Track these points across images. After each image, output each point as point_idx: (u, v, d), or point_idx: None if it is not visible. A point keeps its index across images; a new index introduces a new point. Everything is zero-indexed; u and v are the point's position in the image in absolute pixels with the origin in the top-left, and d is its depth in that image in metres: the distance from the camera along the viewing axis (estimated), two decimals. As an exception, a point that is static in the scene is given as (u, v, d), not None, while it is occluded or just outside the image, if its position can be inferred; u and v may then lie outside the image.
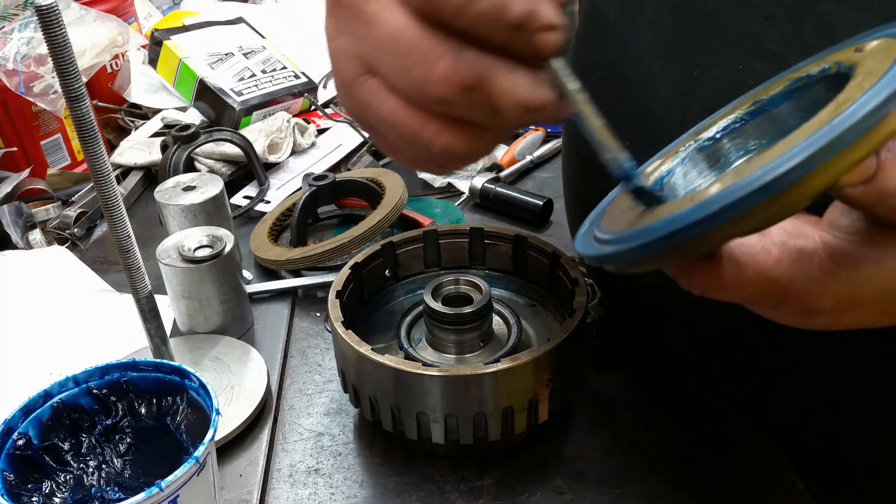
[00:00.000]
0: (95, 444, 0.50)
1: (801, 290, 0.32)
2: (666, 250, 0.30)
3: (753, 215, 0.28)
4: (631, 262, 0.32)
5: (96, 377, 0.50)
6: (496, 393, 0.52)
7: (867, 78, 0.30)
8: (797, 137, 0.28)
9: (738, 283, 0.32)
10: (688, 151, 0.41)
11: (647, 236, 0.31)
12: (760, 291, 0.32)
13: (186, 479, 0.42)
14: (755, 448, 0.57)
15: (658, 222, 0.31)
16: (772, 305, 0.33)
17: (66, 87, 0.47)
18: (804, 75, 0.38)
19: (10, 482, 0.45)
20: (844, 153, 0.27)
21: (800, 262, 0.32)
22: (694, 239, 0.29)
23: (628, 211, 0.37)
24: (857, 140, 0.27)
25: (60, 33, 0.46)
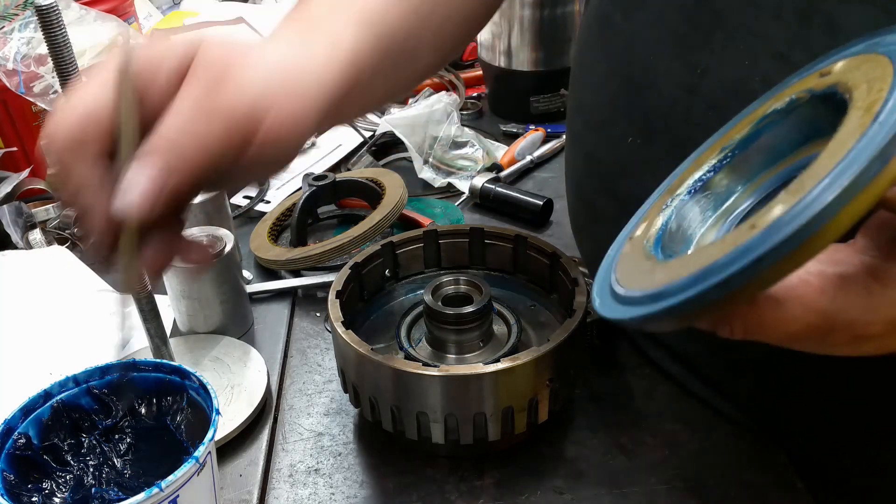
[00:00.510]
0: (95, 444, 0.50)
1: (849, 318, 0.31)
2: (715, 301, 0.29)
3: (803, 251, 0.27)
4: (675, 317, 0.31)
5: (96, 377, 0.50)
6: (496, 393, 0.52)
7: (872, 93, 0.29)
8: (828, 162, 0.27)
9: (784, 322, 0.31)
10: (675, 204, 0.39)
11: (691, 289, 0.29)
12: (806, 327, 0.31)
13: (186, 479, 0.42)
14: (755, 448, 0.57)
15: (699, 271, 0.29)
16: (819, 338, 0.32)
17: (66, 87, 0.47)
18: (769, 112, 0.37)
19: (10, 482, 0.45)
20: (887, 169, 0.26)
21: (844, 290, 0.31)
22: (747, 284, 0.28)
23: (643, 261, 0.36)
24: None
25: (60, 33, 0.46)
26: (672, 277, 0.31)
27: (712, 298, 0.28)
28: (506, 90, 1.12)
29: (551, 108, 1.10)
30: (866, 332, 0.31)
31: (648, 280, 0.33)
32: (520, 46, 1.07)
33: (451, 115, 0.98)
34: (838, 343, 0.32)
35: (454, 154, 0.97)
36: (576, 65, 0.64)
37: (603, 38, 0.57)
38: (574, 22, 1.06)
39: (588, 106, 0.60)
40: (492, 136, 1.07)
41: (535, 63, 1.08)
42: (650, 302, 0.31)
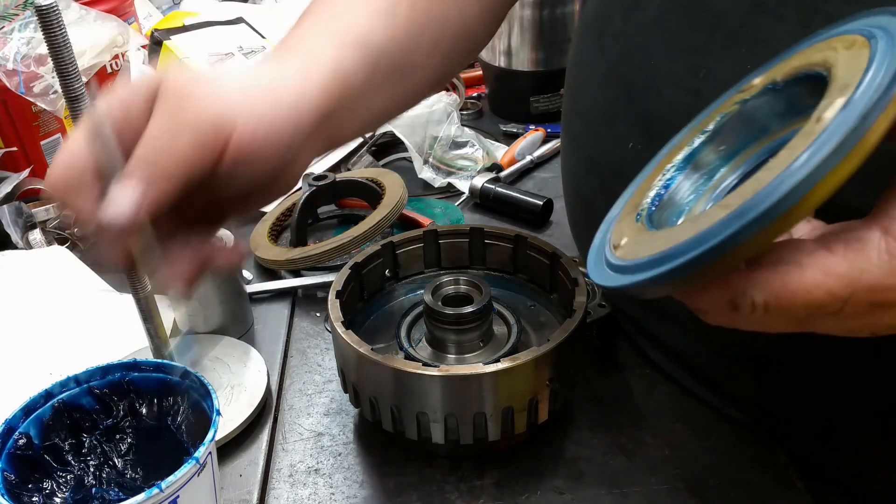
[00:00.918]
0: (96, 444, 0.50)
1: (869, 282, 0.31)
2: (716, 259, 0.30)
3: (804, 204, 0.28)
4: (678, 280, 0.32)
5: (97, 377, 0.50)
6: (496, 393, 0.52)
7: (849, 72, 0.31)
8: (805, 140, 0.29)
9: (805, 289, 0.31)
10: (664, 180, 0.41)
11: (695, 249, 0.30)
12: (827, 293, 0.31)
13: (187, 479, 0.42)
14: (755, 448, 0.57)
15: (691, 238, 0.31)
16: (837, 309, 0.31)
17: (66, 87, 0.47)
18: (757, 90, 0.39)
19: (10, 482, 0.45)
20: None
21: (863, 252, 0.31)
22: (742, 244, 0.29)
23: (636, 233, 0.37)
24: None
25: (60, 33, 0.46)
26: (670, 243, 0.32)
27: (714, 256, 0.30)
28: (506, 90, 1.12)
29: (551, 108, 1.10)
30: (886, 297, 0.31)
31: (645, 248, 0.34)
32: (520, 46, 1.07)
33: (451, 115, 0.98)
34: (858, 313, 0.32)
35: (454, 154, 0.97)
36: (573, 67, 0.63)
37: (601, 40, 0.57)
38: (574, 22, 1.06)
39: (587, 108, 0.60)
40: (492, 136, 1.07)
41: (535, 63, 1.08)
42: (650, 267, 0.32)
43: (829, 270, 0.31)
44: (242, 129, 0.40)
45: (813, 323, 0.33)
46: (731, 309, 0.32)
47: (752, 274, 0.32)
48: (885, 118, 0.28)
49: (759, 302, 0.31)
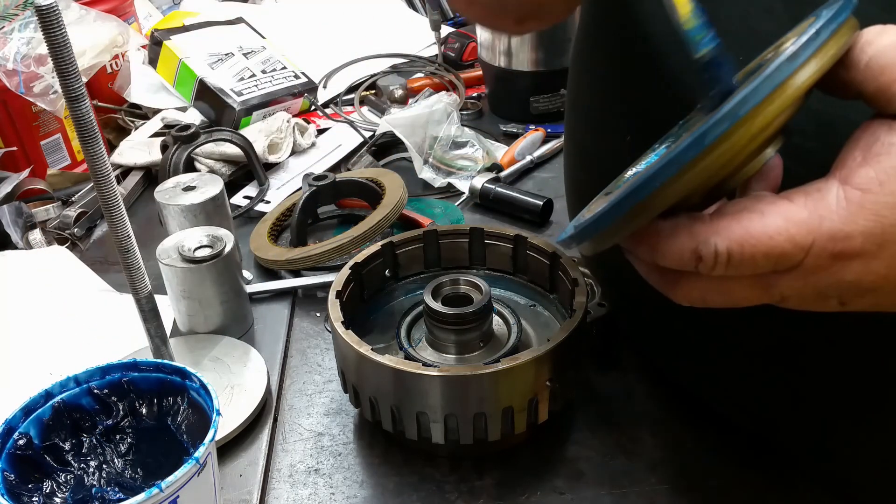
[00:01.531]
0: (96, 444, 0.50)
1: (830, 230, 0.31)
2: (626, 213, 0.32)
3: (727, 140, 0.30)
4: (593, 237, 0.34)
5: (97, 377, 0.50)
6: (496, 393, 0.52)
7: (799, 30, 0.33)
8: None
9: (767, 236, 0.31)
10: (646, 156, 0.43)
11: (613, 201, 0.33)
12: (789, 241, 0.31)
13: (187, 479, 0.42)
14: (755, 448, 0.57)
15: (628, 186, 0.32)
16: (798, 260, 0.32)
17: (66, 87, 0.47)
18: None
19: (10, 482, 0.45)
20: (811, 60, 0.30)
21: (822, 199, 0.31)
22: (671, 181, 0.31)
23: (600, 198, 0.40)
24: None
25: (60, 33, 0.46)
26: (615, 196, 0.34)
27: (622, 209, 0.32)
28: (506, 90, 1.13)
29: (551, 108, 1.10)
30: (847, 247, 0.31)
31: (598, 206, 0.36)
32: (520, 46, 1.07)
33: (451, 115, 0.98)
34: (820, 266, 0.32)
35: (454, 154, 0.97)
36: (574, 62, 0.64)
37: (601, 35, 0.57)
38: (574, 22, 1.06)
39: (586, 104, 0.60)
40: (492, 136, 1.07)
41: (535, 63, 1.08)
42: (589, 220, 0.34)
43: (790, 217, 0.31)
44: None
45: (777, 284, 0.33)
46: (696, 261, 0.33)
47: (714, 222, 0.32)
48: (818, 58, 0.30)
49: (722, 249, 0.32)
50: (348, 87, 1.20)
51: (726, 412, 0.58)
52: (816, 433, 0.53)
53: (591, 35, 0.59)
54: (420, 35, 1.34)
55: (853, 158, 0.32)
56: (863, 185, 0.31)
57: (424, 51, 1.31)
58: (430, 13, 1.25)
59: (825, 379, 0.49)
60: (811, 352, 0.47)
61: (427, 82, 1.20)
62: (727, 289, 0.34)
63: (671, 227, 0.34)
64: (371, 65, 1.26)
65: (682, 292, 0.36)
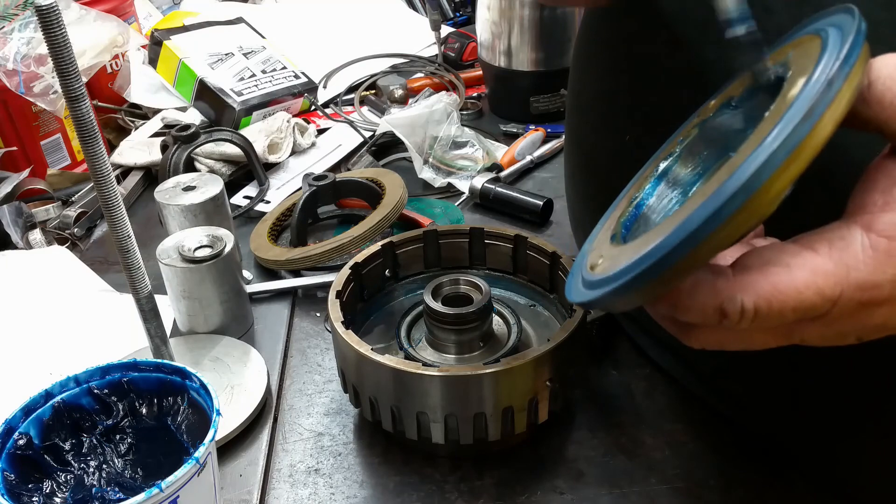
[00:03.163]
0: (96, 444, 0.50)
1: (858, 280, 0.30)
2: (652, 281, 0.31)
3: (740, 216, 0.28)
4: (610, 303, 0.33)
5: (97, 377, 0.50)
6: (496, 393, 0.52)
7: (799, 70, 0.31)
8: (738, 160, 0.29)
9: (794, 289, 0.30)
10: (644, 192, 0.42)
11: (630, 273, 0.31)
12: (816, 293, 0.30)
13: (187, 479, 0.42)
14: (755, 448, 0.57)
15: (637, 257, 0.31)
16: (826, 311, 0.31)
17: (66, 87, 0.47)
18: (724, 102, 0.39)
19: (10, 482, 0.45)
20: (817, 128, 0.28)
21: (847, 249, 0.30)
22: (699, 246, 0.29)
23: (610, 248, 0.38)
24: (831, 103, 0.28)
25: (60, 33, 0.46)
26: (637, 253, 0.32)
27: (673, 259, 0.30)
28: (506, 90, 1.13)
29: (551, 108, 1.10)
30: (875, 295, 0.30)
31: (615, 263, 0.35)
32: (520, 46, 1.07)
33: (451, 115, 0.98)
34: (846, 314, 0.31)
35: (454, 154, 0.97)
36: (576, 61, 0.64)
37: (604, 33, 0.57)
38: (574, 22, 1.06)
39: (588, 102, 0.60)
40: (492, 136, 1.07)
41: (535, 63, 1.08)
42: (617, 278, 0.33)
43: (816, 270, 0.30)
44: None
45: (799, 331, 0.32)
46: (720, 317, 0.32)
47: (740, 278, 0.31)
48: (832, 111, 0.28)
49: (749, 306, 0.31)
50: (348, 87, 1.20)
51: (727, 412, 0.58)
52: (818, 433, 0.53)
53: (593, 33, 0.59)
54: (420, 35, 1.34)
55: (873, 203, 0.31)
56: (888, 231, 0.30)
57: (424, 51, 1.31)
58: (430, 13, 1.25)
59: (827, 379, 0.49)
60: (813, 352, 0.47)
61: (427, 82, 1.20)
62: (747, 337, 0.33)
63: (692, 284, 0.32)
64: (371, 65, 1.26)
65: (699, 339, 0.35)
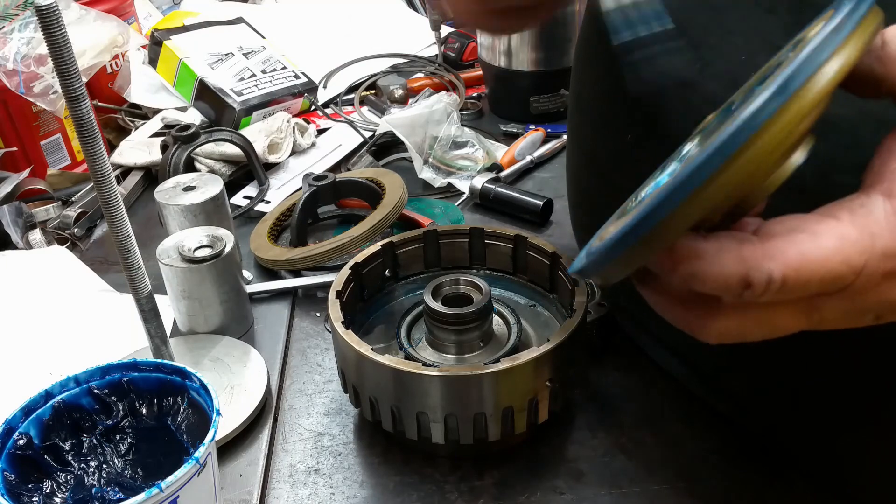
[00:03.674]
0: (96, 444, 0.50)
1: (883, 246, 0.29)
2: (634, 244, 0.30)
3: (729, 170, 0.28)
4: (607, 266, 0.32)
5: (97, 377, 0.50)
6: (496, 393, 0.52)
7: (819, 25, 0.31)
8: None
9: (822, 257, 0.29)
10: (660, 173, 0.42)
11: (629, 223, 0.30)
12: (843, 262, 0.29)
13: (187, 479, 0.42)
14: (755, 447, 0.57)
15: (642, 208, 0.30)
16: (850, 282, 0.30)
17: (66, 87, 0.47)
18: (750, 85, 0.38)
19: (10, 482, 0.45)
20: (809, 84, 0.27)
21: (870, 216, 0.29)
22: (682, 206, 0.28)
23: (615, 223, 0.37)
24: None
25: (60, 33, 0.46)
26: (624, 223, 0.32)
27: (638, 234, 0.30)
28: (506, 90, 1.12)
29: (551, 108, 1.10)
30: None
31: (609, 231, 0.34)
32: (520, 46, 1.07)
33: (451, 115, 0.98)
34: (870, 286, 0.30)
35: (454, 154, 0.97)
36: (577, 60, 0.64)
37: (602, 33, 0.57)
38: (574, 22, 1.06)
39: (588, 101, 0.60)
40: (492, 136, 1.07)
41: (535, 63, 1.08)
42: (601, 248, 0.32)
43: (843, 237, 0.29)
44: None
45: (819, 308, 0.31)
46: (743, 287, 0.30)
47: (766, 245, 0.30)
48: (840, 55, 0.28)
49: (777, 276, 0.29)
50: (348, 87, 1.20)
51: (727, 412, 0.58)
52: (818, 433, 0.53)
53: (594, 33, 0.59)
54: (420, 35, 1.34)
55: (891, 171, 0.30)
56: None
57: (424, 51, 1.31)
58: (430, 13, 1.25)
59: (827, 379, 0.49)
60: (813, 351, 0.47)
61: (427, 82, 1.20)
62: (769, 318, 0.32)
63: (716, 248, 0.31)
64: (371, 65, 1.26)
65: (717, 327, 0.33)
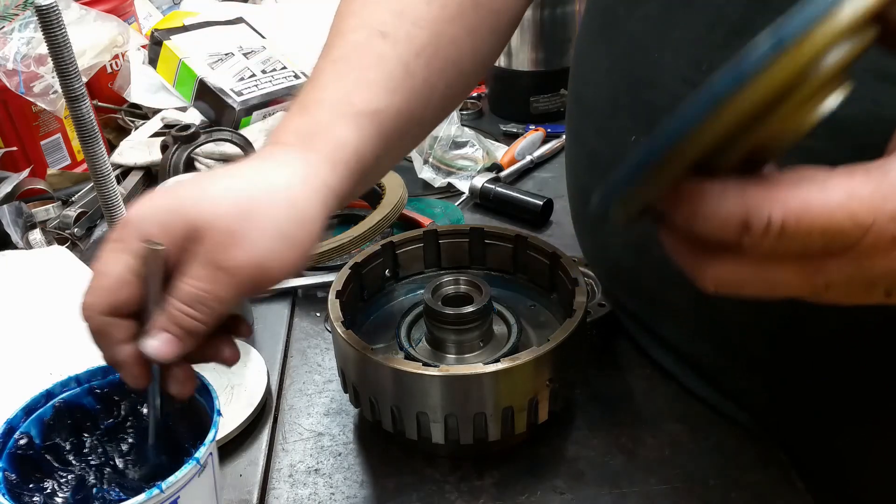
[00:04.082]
0: (97, 443, 0.50)
1: (892, 211, 0.28)
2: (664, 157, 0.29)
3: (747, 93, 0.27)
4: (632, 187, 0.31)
5: (99, 377, 0.50)
6: (496, 393, 0.52)
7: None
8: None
9: (828, 208, 0.28)
10: None
11: (646, 148, 0.30)
12: (850, 218, 0.28)
13: (187, 480, 0.42)
14: (755, 448, 0.57)
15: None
16: (856, 240, 0.29)
17: (66, 87, 0.47)
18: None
19: (11, 482, 0.45)
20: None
21: (886, 176, 0.29)
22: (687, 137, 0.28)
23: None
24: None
25: (60, 33, 0.46)
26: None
27: (663, 150, 0.29)
28: (506, 90, 1.12)
29: (551, 108, 1.10)
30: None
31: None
32: (520, 46, 1.07)
33: (451, 115, 0.98)
34: (878, 249, 0.29)
35: (454, 154, 0.97)
36: (577, 59, 0.64)
37: (605, 32, 0.57)
38: (574, 22, 1.06)
39: (589, 101, 0.60)
40: (492, 136, 1.07)
41: (535, 63, 1.08)
42: (615, 177, 0.32)
43: (853, 193, 0.29)
44: (278, 271, 0.42)
45: (825, 269, 0.30)
46: (742, 230, 0.29)
47: (769, 188, 0.29)
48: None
49: (777, 220, 0.29)
50: (348, 87, 1.20)
51: (727, 411, 0.58)
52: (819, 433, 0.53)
53: (594, 32, 0.59)
54: (420, 35, 1.34)
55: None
56: None
57: (424, 51, 1.31)
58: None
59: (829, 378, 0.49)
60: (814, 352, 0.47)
61: (427, 82, 1.20)
62: (768, 272, 0.31)
63: (720, 188, 0.30)
64: (371, 65, 1.26)
65: (714, 273, 0.32)
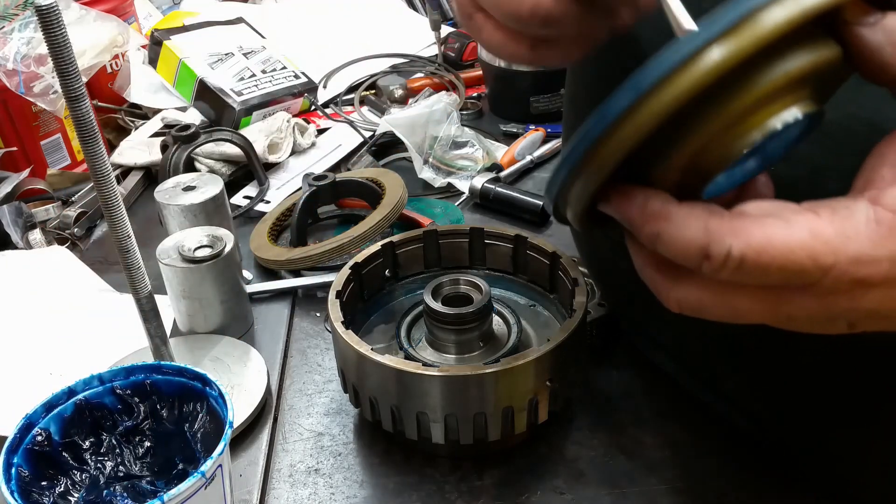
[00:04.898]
0: (115, 444, 0.50)
1: (855, 252, 0.28)
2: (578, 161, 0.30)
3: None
4: (556, 191, 0.33)
5: (121, 377, 0.50)
6: (496, 393, 0.52)
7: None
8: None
9: (789, 247, 0.28)
10: None
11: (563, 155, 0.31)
12: (809, 257, 0.28)
13: (192, 493, 0.42)
14: (755, 448, 0.57)
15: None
16: (816, 279, 0.29)
17: (66, 87, 0.47)
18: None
19: (24, 479, 0.44)
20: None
21: (850, 218, 0.29)
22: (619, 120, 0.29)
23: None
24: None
25: (60, 33, 0.46)
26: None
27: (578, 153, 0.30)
28: (506, 90, 1.12)
29: (551, 108, 1.10)
30: (871, 272, 0.29)
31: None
32: (520, 46, 1.07)
33: (451, 115, 0.98)
34: (838, 289, 0.29)
35: (454, 154, 0.97)
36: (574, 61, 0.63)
37: None
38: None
39: (584, 103, 0.60)
40: (492, 136, 1.07)
41: (534, 63, 1.08)
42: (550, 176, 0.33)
43: (816, 232, 0.29)
44: None
45: (787, 303, 0.30)
46: (702, 259, 0.29)
47: (733, 221, 0.29)
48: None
49: (736, 253, 0.29)
50: (348, 87, 1.20)
51: (726, 412, 0.58)
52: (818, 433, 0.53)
53: None
54: (420, 35, 1.34)
55: (881, 178, 0.30)
56: (895, 206, 0.29)
57: (424, 51, 1.31)
58: (430, 13, 1.25)
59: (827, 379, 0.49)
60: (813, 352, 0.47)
61: (427, 82, 1.20)
62: (731, 299, 0.31)
63: (686, 212, 0.30)
64: (371, 65, 1.26)
65: (678, 294, 0.32)
